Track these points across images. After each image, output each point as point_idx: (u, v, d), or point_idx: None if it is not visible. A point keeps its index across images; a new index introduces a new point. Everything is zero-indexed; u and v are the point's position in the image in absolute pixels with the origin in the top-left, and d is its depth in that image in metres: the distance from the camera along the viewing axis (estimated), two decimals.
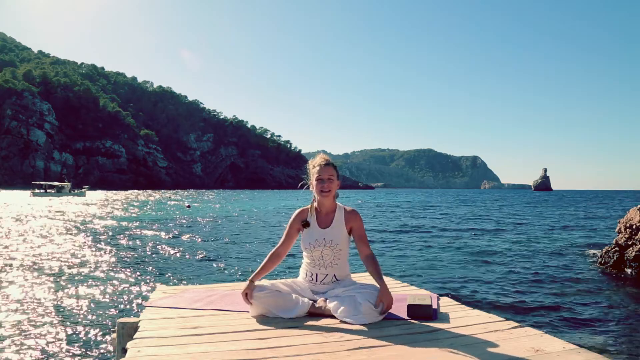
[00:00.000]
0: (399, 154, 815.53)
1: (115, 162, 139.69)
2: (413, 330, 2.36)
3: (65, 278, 8.00)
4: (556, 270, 9.55)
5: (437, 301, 2.93)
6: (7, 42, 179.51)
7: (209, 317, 2.62)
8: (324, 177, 2.73)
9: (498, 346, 2.09)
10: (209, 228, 19.11)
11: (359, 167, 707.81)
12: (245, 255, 11.47)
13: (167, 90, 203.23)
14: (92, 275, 8.30)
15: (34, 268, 8.84)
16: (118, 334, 2.72)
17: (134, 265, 9.60)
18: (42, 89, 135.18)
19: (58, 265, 9.28)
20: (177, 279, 8.33)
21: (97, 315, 5.79)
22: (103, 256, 10.66)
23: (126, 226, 18.93)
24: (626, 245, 9.15)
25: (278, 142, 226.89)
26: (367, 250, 2.75)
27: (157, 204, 42.80)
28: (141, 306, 6.22)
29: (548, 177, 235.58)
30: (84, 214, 25.92)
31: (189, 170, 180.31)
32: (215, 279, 8.33)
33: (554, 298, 7.12)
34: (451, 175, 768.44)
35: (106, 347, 4.64)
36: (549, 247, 13.56)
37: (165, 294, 3.25)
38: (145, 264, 9.79)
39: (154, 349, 2.06)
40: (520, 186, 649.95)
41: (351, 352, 2.03)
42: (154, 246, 12.69)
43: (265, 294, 2.59)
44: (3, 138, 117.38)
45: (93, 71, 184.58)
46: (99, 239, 14.18)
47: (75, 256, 10.50)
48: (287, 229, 2.82)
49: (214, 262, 10.19)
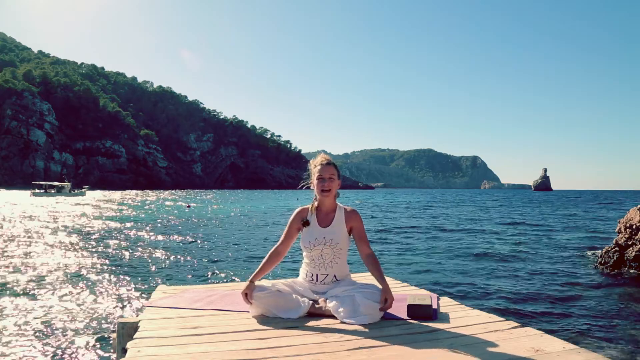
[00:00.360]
0: (399, 154, 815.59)
1: (115, 162, 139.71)
2: (413, 330, 2.36)
3: (65, 278, 7.99)
4: (556, 270, 9.55)
5: (437, 301, 2.93)
6: (7, 42, 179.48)
7: (209, 317, 2.62)
8: (325, 176, 2.74)
9: (498, 346, 2.09)
10: (208, 228, 19.11)
11: (359, 167, 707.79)
12: (245, 255, 11.47)
13: (167, 90, 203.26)
14: (92, 275, 8.29)
15: (33, 268, 8.84)
16: (118, 334, 2.71)
17: (134, 265, 9.60)
18: (42, 89, 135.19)
19: (58, 265, 9.28)
20: (177, 279, 8.33)
21: (97, 315, 5.79)
22: (103, 256, 10.65)
23: (126, 226, 18.93)
24: (626, 245, 9.15)
25: (278, 142, 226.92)
26: (368, 250, 2.76)
27: (157, 204, 42.80)
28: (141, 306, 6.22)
29: (548, 177, 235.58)
30: (84, 214, 25.92)
31: (189, 170, 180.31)
32: (215, 279, 8.33)
33: (554, 298, 7.12)
34: (451, 175, 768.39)
35: (106, 347, 4.64)
36: (549, 247, 13.56)
37: (165, 294, 3.25)
38: (145, 264, 9.78)
39: (154, 349, 2.06)
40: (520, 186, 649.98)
41: (351, 352, 2.03)
42: (154, 246, 12.69)
43: (266, 294, 2.59)
44: (3, 138, 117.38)
45: (93, 71, 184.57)
46: (99, 239, 14.17)
47: (75, 256, 10.50)
48: (287, 228, 2.83)
49: (214, 262, 10.19)
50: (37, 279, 7.82)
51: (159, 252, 11.51)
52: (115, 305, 6.31)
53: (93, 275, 8.35)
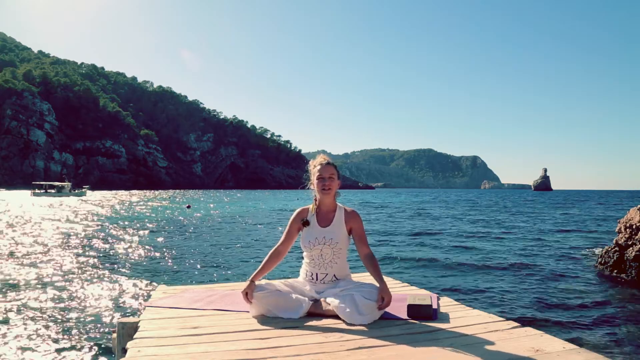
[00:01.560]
0: (399, 154, 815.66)
1: (115, 162, 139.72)
2: (413, 330, 2.36)
3: (66, 278, 7.99)
4: (556, 271, 9.55)
5: (437, 301, 2.93)
6: (7, 42, 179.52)
7: (209, 317, 2.62)
8: (325, 175, 2.76)
9: (498, 346, 2.09)
10: (209, 228, 19.11)
11: (359, 167, 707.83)
12: (245, 255, 11.47)
13: (167, 90, 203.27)
14: (92, 275, 8.30)
15: (34, 268, 8.84)
16: (118, 334, 2.72)
17: (134, 265, 9.60)
18: (42, 89, 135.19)
19: (58, 265, 9.28)
20: (177, 279, 8.33)
21: (97, 315, 5.79)
22: (103, 256, 10.65)
23: (126, 226, 18.93)
24: (626, 245, 9.14)
25: (278, 142, 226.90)
26: (367, 250, 2.77)
27: (157, 204, 42.80)
28: (141, 306, 6.22)
29: (548, 177, 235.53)
30: (84, 214, 25.92)
31: (189, 170, 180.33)
32: (215, 279, 8.33)
33: (554, 298, 7.12)
34: (451, 175, 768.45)
35: (106, 347, 4.64)
36: (549, 247, 13.56)
37: (165, 294, 3.26)
38: (145, 264, 9.78)
39: (154, 349, 2.06)
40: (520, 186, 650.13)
41: (351, 352, 2.03)
42: (154, 246, 12.69)
43: (266, 294, 2.60)
44: (3, 138, 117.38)
45: (93, 71, 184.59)
46: (99, 239, 14.18)
47: (75, 256, 10.50)
48: (288, 228, 2.84)
49: (214, 262, 10.19)
50: (37, 279, 7.82)
51: (159, 252, 11.51)
52: (115, 305, 6.31)
53: (93, 275, 8.36)
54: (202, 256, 11.03)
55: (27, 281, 7.65)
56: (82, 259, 10.09)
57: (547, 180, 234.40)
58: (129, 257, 10.60)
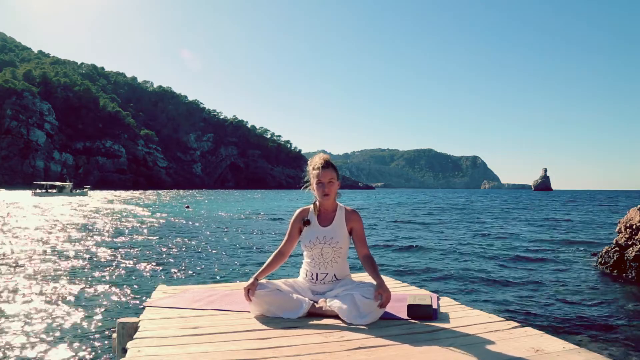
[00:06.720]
0: (399, 154, 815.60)
1: (115, 162, 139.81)
2: (413, 330, 2.36)
3: (66, 278, 8.00)
4: (556, 270, 9.56)
5: (437, 301, 2.93)
6: (7, 42, 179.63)
7: (209, 317, 2.62)
8: (324, 180, 2.74)
9: (498, 346, 2.09)
10: (209, 228, 19.11)
11: (359, 167, 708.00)
12: (245, 255, 11.48)
13: (167, 90, 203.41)
14: (92, 275, 8.30)
15: (34, 268, 8.84)
16: (118, 334, 2.72)
17: (134, 265, 9.61)
18: (42, 89, 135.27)
19: (58, 265, 9.28)
20: (177, 279, 8.34)
21: (97, 315, 5.79)
22: (103, 256, 10.66)
23: (126, 226, 18.94)
24: (626, 245, 9.15)
25: (278, 142, 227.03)
26: (365, 251, 2.78)
27: (156, 204, 42.81)
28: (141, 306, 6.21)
29: (548, 177, 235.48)
30: (85, 214, 25.93)
31: (189, 170, 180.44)
32: (215, 279, 8.33)
33: (554, 298, 7.13)
34: (451, 175, 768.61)
35: (106, 347, 4.64)
36: (549, 247, 13.56)
37: (165, 294, 3.26)
38: (145, 264, 9.78)
39: (154, 349, 2.06)
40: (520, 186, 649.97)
41: (351, 352, 2.03)
42: (154, 246, 12.70)
43: (266, 292, 2.60)
44: (3, 138, 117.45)
45: (93, 71, 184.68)
46: (99, 239, 14.18)
47: (76, 256, 10.50)
48: (289, 229, 2.85)
49: (214, 262, 10.20)
50: (37, 279, 7.82)
51: (159, 252, 11.51)
52: (115, 305, 6.32)
53: (93, 275, 8.36)
54: (202, 256, 11.03)
55: (27, 281, 7.65)
56: (81, 259, 10.10)
57: (547, 180, 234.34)
58: (129, 257, 10.60)
